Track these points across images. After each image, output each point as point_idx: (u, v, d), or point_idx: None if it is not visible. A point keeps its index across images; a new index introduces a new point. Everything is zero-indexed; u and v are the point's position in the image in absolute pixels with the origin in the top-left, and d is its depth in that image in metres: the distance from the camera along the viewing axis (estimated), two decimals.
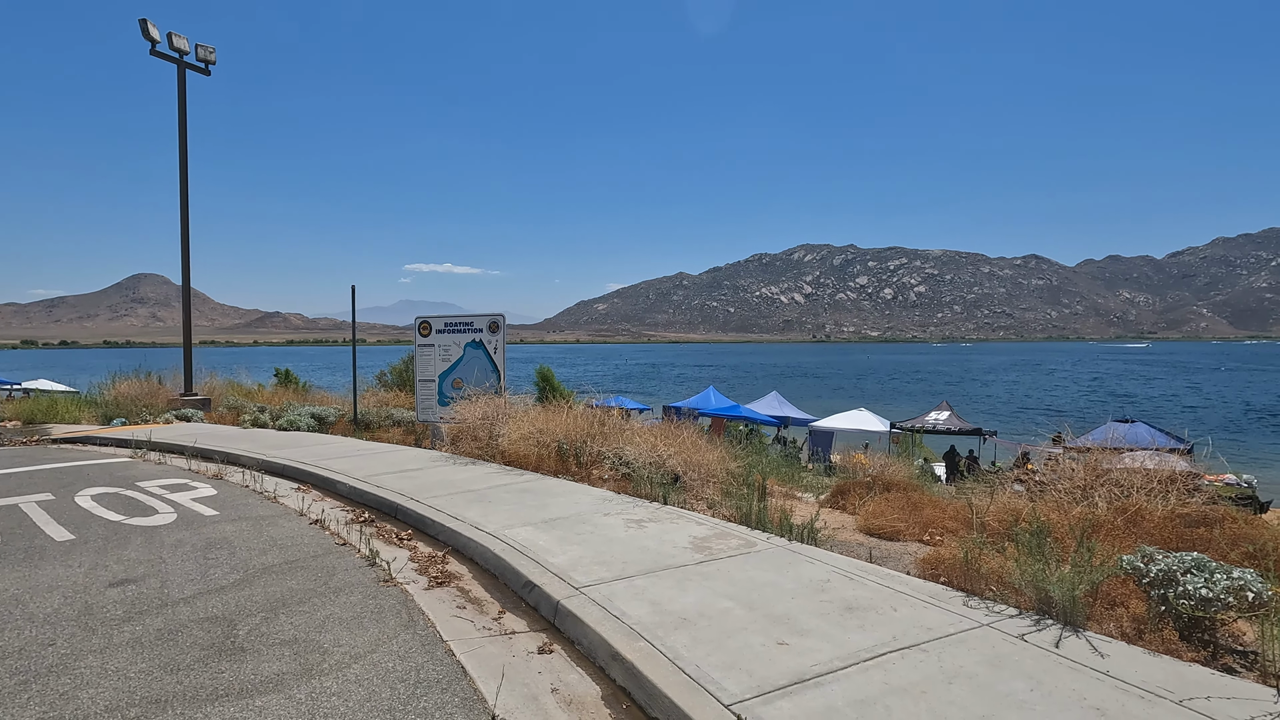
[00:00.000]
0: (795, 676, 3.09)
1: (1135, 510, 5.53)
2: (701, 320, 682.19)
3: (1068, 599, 3.70)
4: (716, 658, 3.26)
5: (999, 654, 3.33)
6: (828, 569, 4.57)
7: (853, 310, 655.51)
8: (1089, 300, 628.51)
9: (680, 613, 3.80)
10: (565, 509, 6.16)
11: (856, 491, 7.70)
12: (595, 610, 3.82)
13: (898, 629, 3.60)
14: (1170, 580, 3.64)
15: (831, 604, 3.95)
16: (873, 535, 6.09)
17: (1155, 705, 2.87)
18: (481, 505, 6.29)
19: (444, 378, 11.08)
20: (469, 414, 9.85)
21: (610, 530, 5.48)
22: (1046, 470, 7.20)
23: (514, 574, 4.56)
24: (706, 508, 6.51)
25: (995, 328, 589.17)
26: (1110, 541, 4.67)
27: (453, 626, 3.95)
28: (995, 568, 4.21)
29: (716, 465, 7.93)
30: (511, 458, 8.66)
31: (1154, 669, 3.20)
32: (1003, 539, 4.75)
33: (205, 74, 16.64)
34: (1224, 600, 3.46)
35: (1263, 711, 2.82)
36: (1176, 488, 6.06)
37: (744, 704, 2.85)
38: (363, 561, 5.06)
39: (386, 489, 7.01)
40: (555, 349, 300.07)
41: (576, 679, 3.39)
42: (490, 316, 11.13)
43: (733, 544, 5.13)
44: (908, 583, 4.37)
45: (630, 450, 7.88)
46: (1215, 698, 2.93)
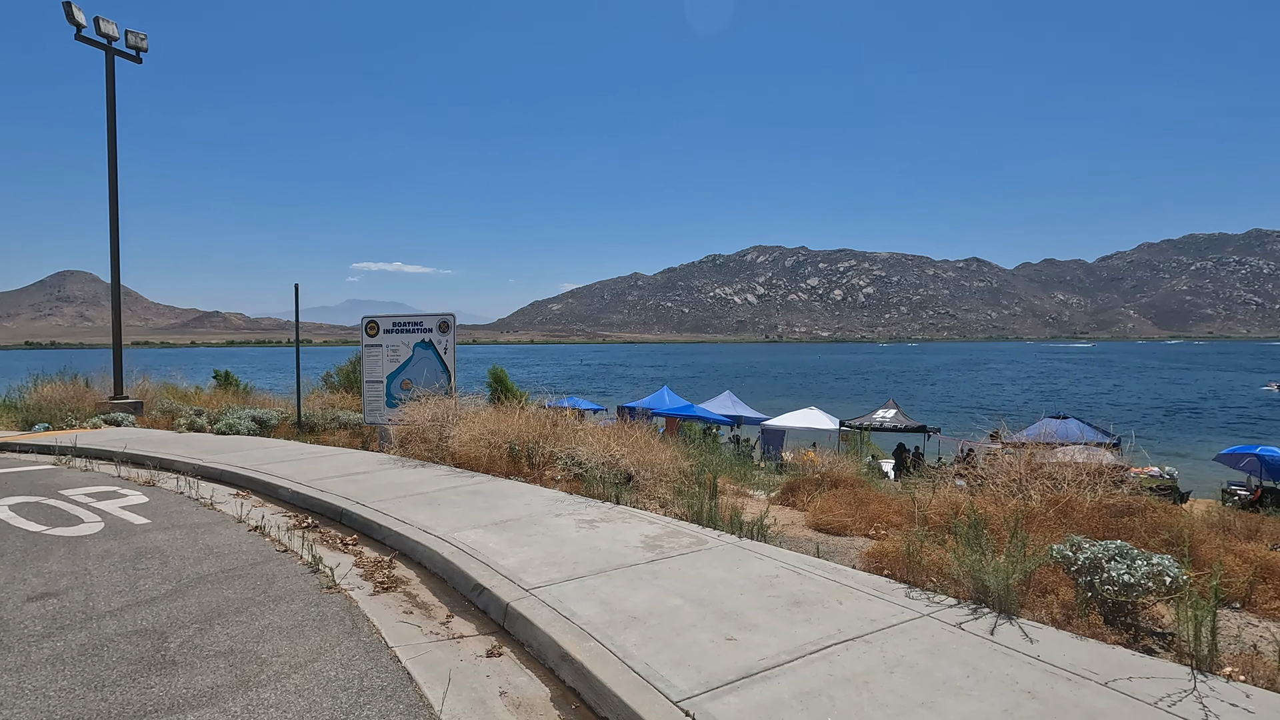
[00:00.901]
0: (743, 671, 3.12)
1: (1066, 502, 5.79)
2: (656, 320, 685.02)
3: (1002, 588, 3.85)
4: (666, 655, 3.28)
5: (938, 643, 3.44)
6: (776, 565, 4.65)
7: (804, 311, 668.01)
8: (1026, 302, 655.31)
9: (631, 611, 3.80)
10: (517, 510, 6.10)
11: (806, 488, 7.85)
12: (545, 612, 3.79)
13: (843, 621, 3.68)
14: (1096, 567, 3.82)
15: (779, 599, 4.01)
16: (821, 530, 6.21)
17: (1082, 687, 3.01)
18: (430, 508, 6.18)
19: (392, 379, 10.84)
20: (418, 415, 9.66)
21: (562, 531, 5.45)
22: (985, 465, 7.48)
23: (463, 577, 4.49)
24: (659, 507, 6.54)
25: (940, 328, 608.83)
26: (1043, 532, 4.88)
27: (399, 632, 3.86)
28: (936, 560, 4.35)
29: (669, 464, 7.97)
30: (462, 460, 8.53)
31: (1081, 652, 3.35)
32: (943, 532, 4.91)
33: (136, 62, 15.87)
34: (1144, 585, 3.65)
35: (1177, 689, 2.99)
36: (1104, 480, 6.37)
37: (692, 700, 2.87)
38: (305, 568, 4.91)
39: (331, 493, 6.81)
40: (509, 349, 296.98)
41: (526, 681, 3.36)
42: (440, 316, 10.93)
43: (684, 542, 5.16)
44: (853, 576, 4.48)
45: (583, 451, 7.85)
46: (1136, 678, 3.09)
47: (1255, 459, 19.22)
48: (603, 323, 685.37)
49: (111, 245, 15.71)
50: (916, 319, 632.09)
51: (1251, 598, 4.40)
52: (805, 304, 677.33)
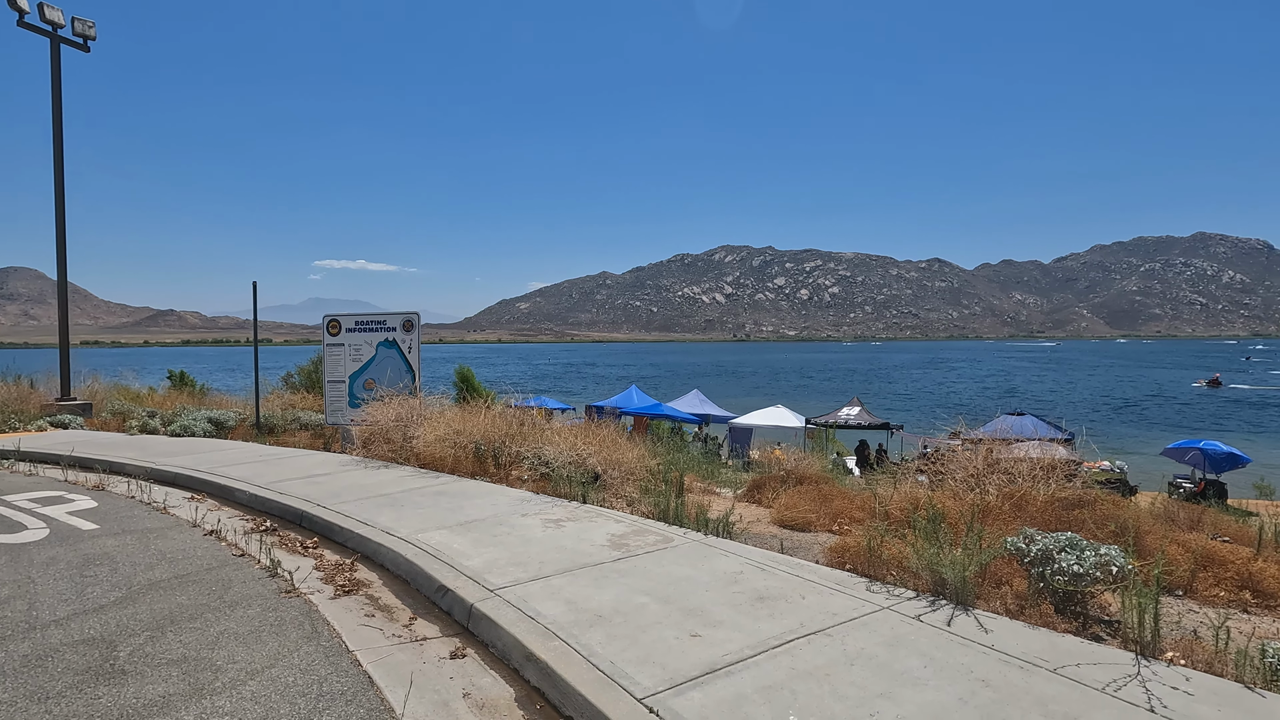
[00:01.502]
0: (707, 667, 3.15)
1: (1020, 496, 5.96)
2: (625, 320, 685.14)
3: (959, 580, 3.95)
4: (631, 653, 3.29)
5: (897, 635, 3.52)
6: (741, 561, 4.69)
7: (771, 310, 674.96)
8: (986, 301, 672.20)
9: (596, 610, 3.80)
10: (482, 511, 6.05)
11: (771, 485, 7.94)
12: (510, 612, 3.77)
13: (805, 616, 3.74)
14: (1048, 559, 3.95)
15: (744, 595, 4.05)
16: (786, 527, 6.29)
17: (1033, 674, 3.11)
18: (394, 509, 6.09)
19: (355, 378, 10.65)
20: (382, 416, 9.50)
21: (528, 531, 5.42)
22: (944, 461, 7.66)
23: (426, 579, 4.44)
24: (626, 505, 6.55)
25: (903, 327, 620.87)
26: (998, 525, 5.01)
27: (360, 636, 3.80)
28: (896, 554, 4.44)
29: (636, 463, 7.98)
30: (427, 460, 8.43)
31: (1033, 641, 3.46)
32: (904, 527, 5.02)
33: (84, 50, 15.29)
34: (1093, 575, 3.79)
35: (1123, 674, 3.11)
36: (1056, 474, 6.57)
37: (656, 697, 2.89)
38: (263, 573, 4.80)
39: (291, 495, 6.67)
40: (476, 349, 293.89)
41: (490, 682, 3.34)
42: (405, 315, 10.78)
43: (650, 540, 5.18)
44: (816, 571, 4.55)
45: (550, 450, 7.82)
46: (1084, 664, 3.20)
47: (1199, 453, 20.04)
48: (571, 322, 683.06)
49: (57, 240, 15.12)
50: (880, 318, 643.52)
51: (1193, 585, 4.59)
52: (772, 303, 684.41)
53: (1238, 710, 2.81)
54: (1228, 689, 2.99)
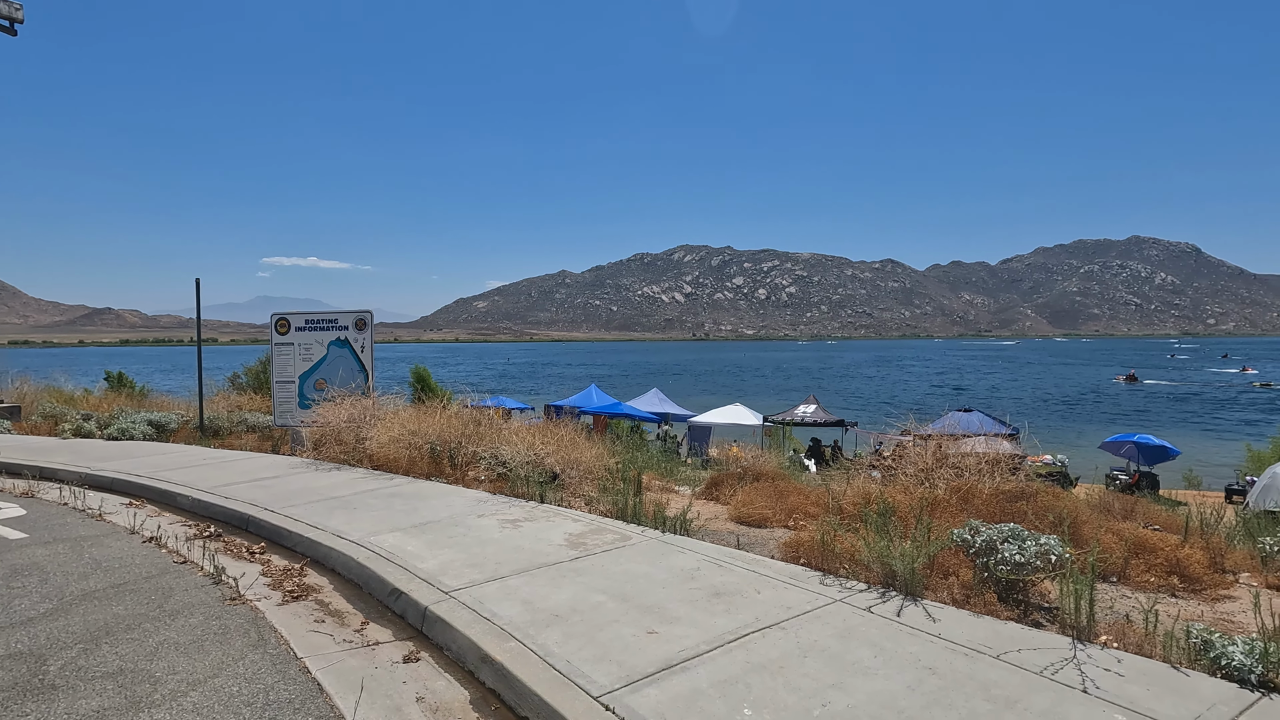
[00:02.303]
0: (663, 663, 3.17)
1: (967, 489, 6.16)
2: (585, 319, 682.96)
3: (908, 572, 4.06)
4: (588, 651, 3.28)
5: (849, 626, 3.59)
6: (698, 558, 4.73)
7: (730, 309, 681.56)
8: (936, 301, 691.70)
9: (553, 610, 3.79)
10: (437, 512, 5.95)
11: (729, 482, 8.01)
12: (465, 614, 3.73)
13: (760, 610, 3.79)
14: (991, 549, 4.09)
15: (700, 591, 4.09)
16: (743, 523, 6.36)
17: (977, 661, 3.21)
18: (345, 512, 5.95)
19: (305, 378, 10.35)
20: (333, 416, 9.27)
21: (485, 531, 5.36)
22: (895, 456, 7.86)
23: (379, 582, 4.35)
24: (584, 504, 6.53)
25: (857, 326, 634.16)
26: (946, 518, 5.17)
27: (309, 642, 3.70)
28: (848, 548, 4.53)
29: (595, 462, 7.97)
30: (380, 461, 8.25)
31: (977, 629, 3.58)
32: (857, 521, 5.13)
33: (11, 34, 14.48)
34: (1033, 564, 3.93)
35: (1060, 658, 3.24)
36: (1001, 468, 6.81)
37: (612, 694, 2.89)
38: (206, 580, 4.63)
39: (237, 499, 6.45)
40: (433, 348, 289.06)
41: (444, 685, 3.29)
42: (357, 313, 10.53)
43: (608, 539, 5.18)
44: (771, 566, 4.61)
45: (507, 450, 7.75)
46: (1024, 649, 3.33)
47: (1133, 446, 21.02)
48: (530, 321, 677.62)
49: None
50: (836, 317, 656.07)
51: (1126, 572, 4.81)
52: (731, 302, 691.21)
53: (1164, 688, 2.96)
54: (1156, 669, 3.15)
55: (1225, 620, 4.05)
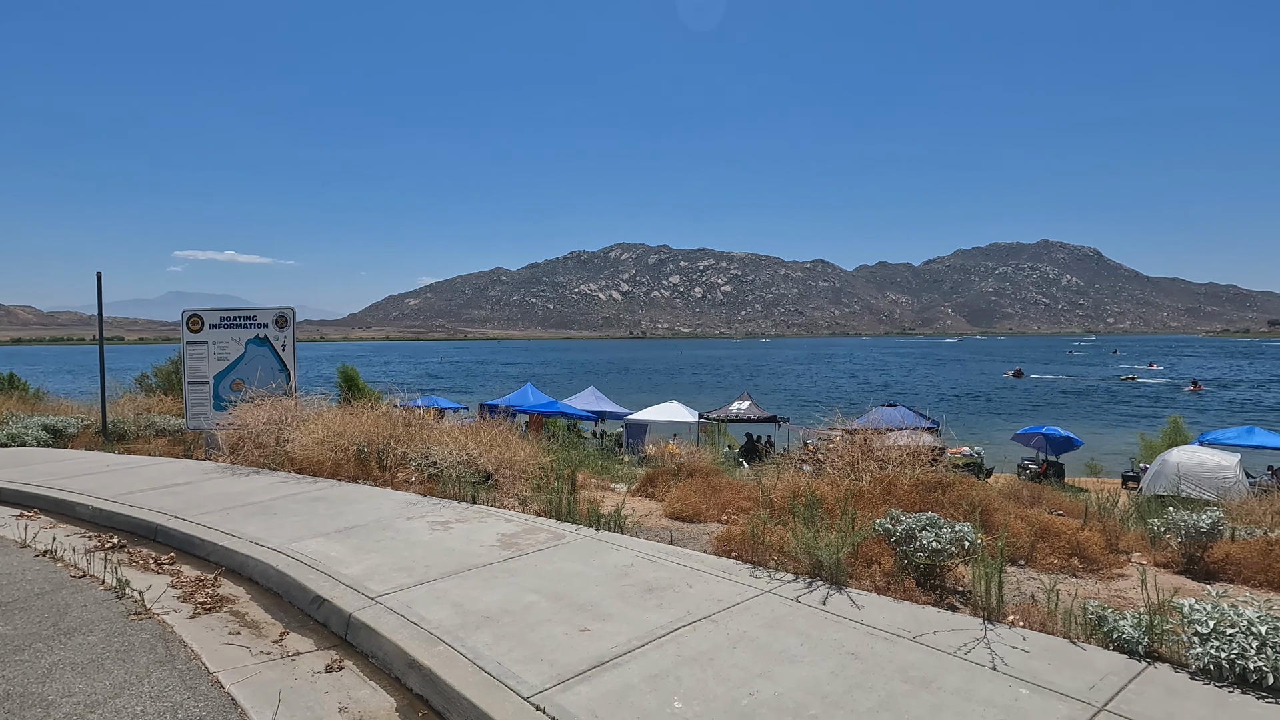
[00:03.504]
0: (595, 660, 3.17)
1: (890, 480, 6.42)
2: (521, 317, 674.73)
3: (834, 561, 4.20)
4: (519, 652, 3.25)
5: (777, 616, 3.69)
6: (632, 554, 4.75)
7: (666, 308, 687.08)
8: (864, 300, 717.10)
9: (484, 611, 3.73)
10: (364, 516, 5.76)
11: (664, 479, 8.09)
12: (392, 619, 3.62)
13: (692, 604, 3.84)
14: (911, 537, 4.27)
15: (633, 587, 4.11)
16: (677, 519, 6.43)
17: (897, 644, 3.35)
18: (264, 518, 5.68)
19: (220, 379, 9.82)
20: (252, 419, 8.84)
21: (413, 534, 5.22)
22: (823, 451, 8.11)
23: (300, 590, 4.18)
24: (518, 504, 6.46)
25: (790, 324, 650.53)
26: (870, 509, 5.37)
27: (223, 655, 3.52)
28: (777, 540, 4.65)
29: (529, 461, 7.89)
30: (304, 465, 7.92)
31: (897, 614, 3.73)
32: (786, 514, 5.27)
33: None
34: (949, 550, 4.13)
35: (972, 638, 3.42)
36: (921, 459, 7.12)
37: (543, 694, 2.87)
38: (108, 594, 4.33)
39: (143, 508, 6.06)
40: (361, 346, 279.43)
41: (369, 694, 3.19)
42: (278, 310, 10.07)
43: (541, 538, 5.14)
44: (704, 560, 4.68)
45: (439, 450, 7.58)
46: (940, 632, 3.50)
47: (1042, 437, 22.38)
48: (464, 319, 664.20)
49: None
50: (769, 316, 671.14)
51: (1033, 555, 5.12)
52: (668, 301, 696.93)
53: (1063, 662, 3.17)
54: (1056, 644, 3.36)
55: (1119, 597, 4.37)
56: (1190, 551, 5.16)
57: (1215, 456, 15.46)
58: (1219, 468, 14.68)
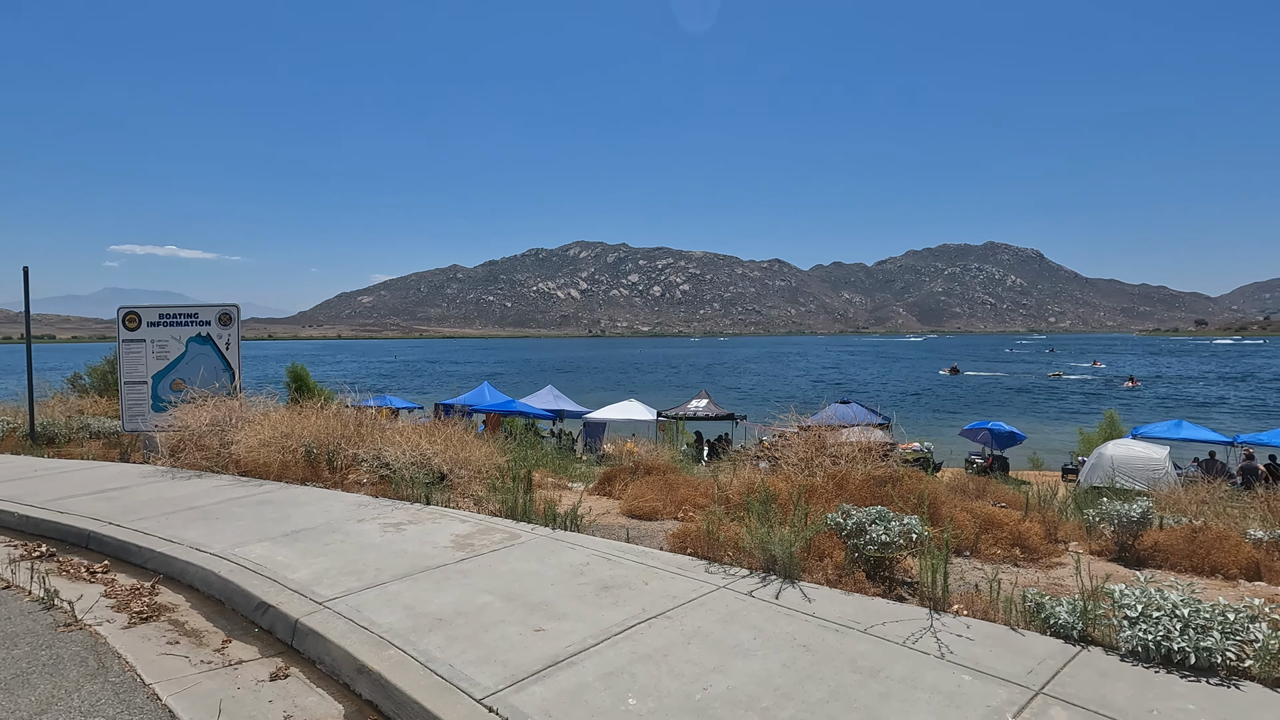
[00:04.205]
0: (550, 660, 3.15)
1: (842, 476, 6.55)
2: (478, 315, 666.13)
3: (787, 556, 4.27)
4: (472, 654, 3.21)
5: (731, 611, 3.73)
6: (588, 553, 4.74)
7: (625, 306, 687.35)
8: (819, 300, 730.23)
9: (436, 614, 3.67)
10: (313, 519, 5.61)
11: (621, 477, 8.08)
12: (341, 624, 3.54)
13: (647, 601, 3.85)
14: (861, 530, 4.37)
15: (589, 585, 4.10)
16: (634, 517, 6.43)
17: (846, 636, 3.43)
18: (206, 523, 5.48)
19: (160, 378, 9.43)
20: (194, 420, 8.52)
21: (364, 537, 5.11)
22: (778, 447, 8.23)
23: (244, 596, 4.04)
24: (473, 504, 6.38)
25: (747, 323, 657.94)
26: (822, 504, 5.47)
27: (160, 666, 3.38)
28: (732, 536, 4.70)
29: (485, 461, 7.80)
30: (249, 467, 7.67)
31: (848, 606, 3.81)
32: (741, 510, 5.32)
33: None
34: (897, 543, 4.24)
35: (919, 628, 3.52)
36: (872, 455, 7.29)
37: (496, 695, 2.84)
38: (35, 606, 4.12)
39: (75, 514, 5.78)
40: (312, 345, 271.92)
41: (316, 701, 3.11)
42: (221, 307, 9.72)
43: (497, 538, 5.09)
44: (659, 557, 4.70)
45: (391, 451, 7.43)
46: (889, 622, 3.58)
47: (988, 432, 23.15)
48: (420, 317, 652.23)
49: None
50: (727, 315, 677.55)
51: (977, 546, 5.29)
52: (627, 299, 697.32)
53: (1004, 648, 3.29)
54: (998, 632, 3.48)
55: (1056, 584, 4.55)
56: (1123, 540, 5.41)
57: (1147, 449, 16.25)
58: (1150, 460, 15.43)
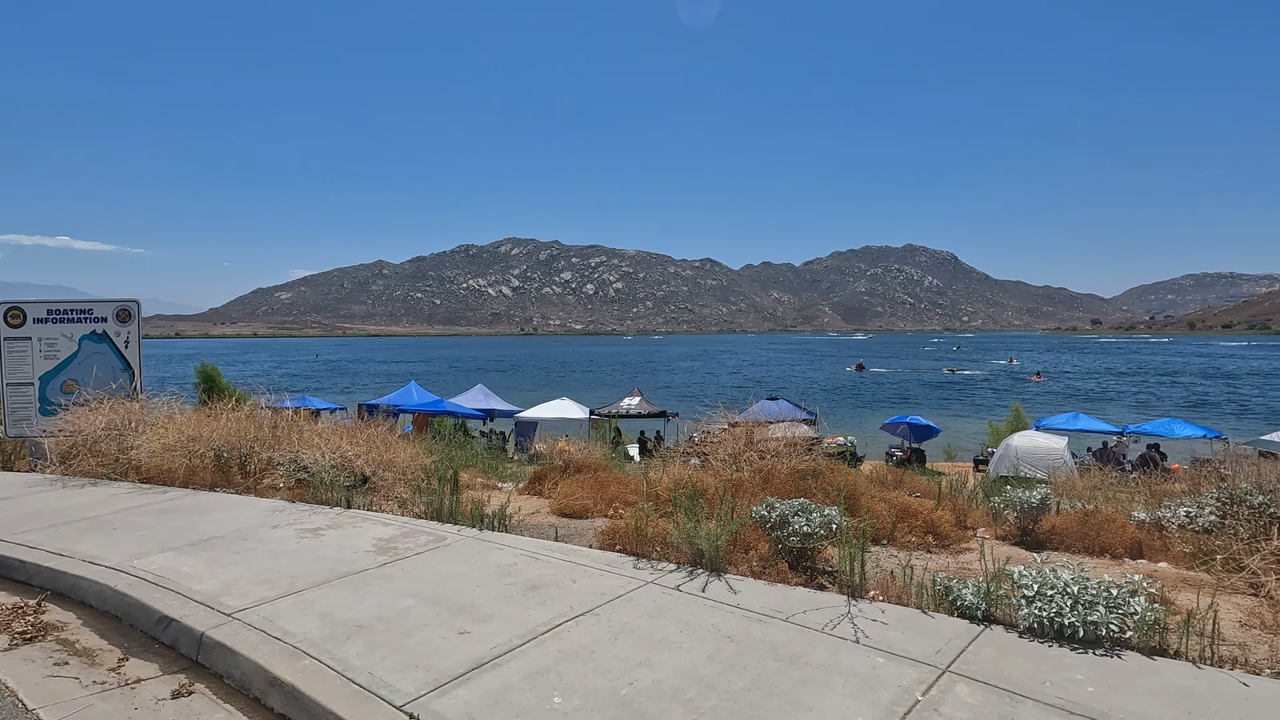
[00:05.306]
0: (474, 663, 3.10)
1: (769, 470, 6.72)
2: (405, 312, 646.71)
3: (713, 550, 4.34)
4: (393, 660, 3.12)
5: (659, 606, 3.77)
6: (516, 553, 4.69)
7: (558, 304, 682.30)
8: (750, 299, 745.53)
9: (355, 620, 3.55)
10: (222, 526, 5.32)
11: (552, 476, 8.04)
12: (251, 635, 3.37)
13: (575, 599, 3.85)
14: (784, 522, 4.49)
15: (516, 586, 4.05)
16: (565, 515, 6.41)
17: (769, 625, 3.52)
18: (102, 534, 5.11)
19: (48, 380, 8.71)
20: (88, 424, 7.92)
21: (279, 544, 4.88)
22: (709, 443, 8.37)
23: (144, 611, 3.79)
24: (397, 507, 6.20)
25: (680, 322, 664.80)
26: (748, 497, 5.60)
27: (46, 690, 3.13)
28: (660, 531, 4.74)
29: (411, 462, 7.59)
30: (152, 473, 7.20)
31: (771, 596, 3.92)
32: (670, 506, 5.38)
33: None
34: (818, 533, 4.39)
35: (838, 614, 3.65)
36: (797, 449, 7.52)
37: (418, 701, 2.77)
38: None
39: None
40: (224, 344, 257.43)
41: (223, 718, 2.95)
42: (120, 303, 9.06)
43: (421, 541, 4.96)
44: (588, 555, 4.70)
45: (310, 454, 7.12)
46: (809, 610, 3.70)
47: (907, 426, 24.24)
48: (343, 314, 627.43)
49: None
50: (660, 313, 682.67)
51: (894, 534, 5.54)
52: (559, 297, 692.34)
53: (915, 630, 3.46)
54: (910, 615, 3.66)
55: (965, 568, 4.81)
56: (1024, 524, 5.78)
57: (1047, 440, 17.41)
58: (1050, 450, 16.53)
